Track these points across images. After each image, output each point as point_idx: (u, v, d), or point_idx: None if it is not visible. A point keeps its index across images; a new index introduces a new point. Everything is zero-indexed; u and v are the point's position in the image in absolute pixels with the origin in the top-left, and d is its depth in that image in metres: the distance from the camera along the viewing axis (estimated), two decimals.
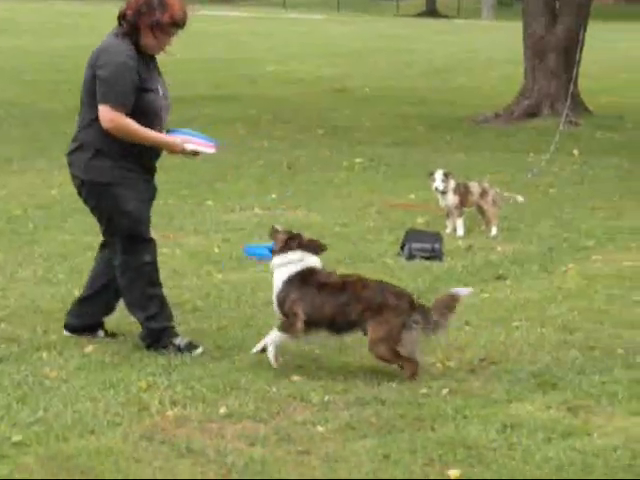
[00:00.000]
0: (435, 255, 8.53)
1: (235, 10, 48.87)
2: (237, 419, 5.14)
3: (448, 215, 9.50)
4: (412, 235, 8.77)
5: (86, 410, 5.17)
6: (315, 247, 6.11)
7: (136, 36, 6.08)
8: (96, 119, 6.04)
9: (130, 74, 5.99)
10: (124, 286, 6.24)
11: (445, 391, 5.56)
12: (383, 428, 5.07)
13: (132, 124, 5.99)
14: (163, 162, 6.44)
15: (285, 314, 5.92)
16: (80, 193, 6.24)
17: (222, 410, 5.21)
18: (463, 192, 9.40)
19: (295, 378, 5.69)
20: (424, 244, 8.57)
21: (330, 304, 5.86)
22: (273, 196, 10.85)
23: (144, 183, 6.22)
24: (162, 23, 6.05)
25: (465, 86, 22.68)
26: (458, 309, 5.98)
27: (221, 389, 5.51)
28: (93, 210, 6.24)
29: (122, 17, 6.13)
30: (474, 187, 9.49)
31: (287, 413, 5.23)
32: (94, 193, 6.14)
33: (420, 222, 9.67)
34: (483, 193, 9.46)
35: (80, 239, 8.88)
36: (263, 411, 5.23)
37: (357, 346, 6.25)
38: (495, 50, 29.75)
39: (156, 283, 6.27)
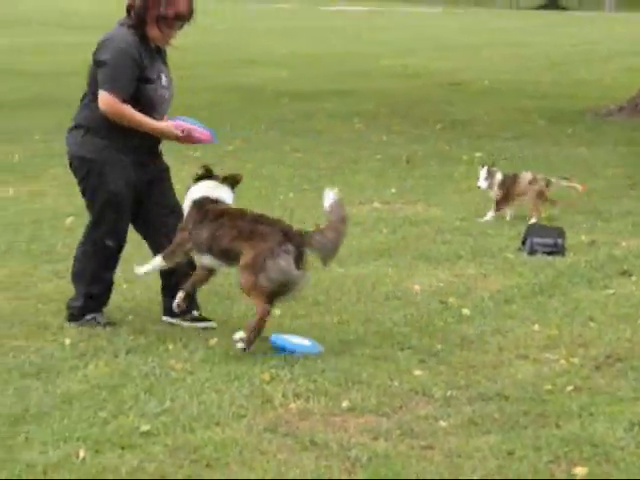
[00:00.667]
0: (557, 250, 8.41)
1: (354, 5, 48.92)
2: (360, 413, 5.15)
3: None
4: (534, 230, 8.67)
5: (211, 402, 5.24)
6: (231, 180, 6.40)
7: (142, 28, 6.31)
8: (93, 100, 6.38)
9: (130, 63, 6.26)
10: (78, 256, 6.58)
11: (570, 388, 5.49)
12: (506, 424, 5.03)
13: (128, 110, 6.27)
14: (284, 159, 6.49)
15: (177, 239, 6.27)
16: (71, 167, 6.59)
17: (344, 404, 5.23)
18: (510, 184, 9.53)
19: (417, 373, 5.68)
20: (546, 239, 8.46)
21: (207, 230, 6.13)
22: (392, 190, 10.83)
23: (133, 166, 6.44)
24: (167, 17, 6.28)
25: (585, 79, 22.31)
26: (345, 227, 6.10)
27: (343, 383, 5.53)
28: (79, 184, 6.55)
29: (130, 8, 6.35)
30: (524, 177, 9.59)
31: (409, 407, 5.23)
32: (82, 168, 6.46)
33: (542, 217, 9.55)
34: (532, 181, 9.53)
35: None
36: (385, 405, 5.23)
37: (479, 342, 6.22)
38: (617, 42, 29.23)
39: (110, 267, 6.56)
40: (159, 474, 4.43)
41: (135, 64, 6.27)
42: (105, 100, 6.27)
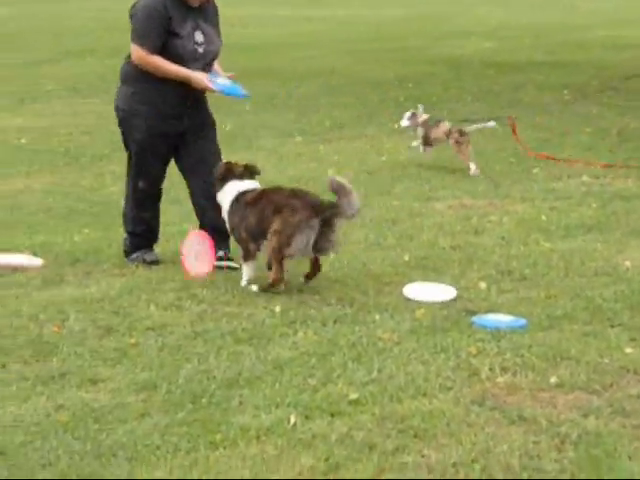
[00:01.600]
0: None
1: None
2: (569, 389, 5.07)
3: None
4: None
5: (418, 373, 5.26)
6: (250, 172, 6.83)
7: None
8: (129, 56, 6.98)
9: (156, 16, 6.78)
10: (125, 198, 7.26)
11: None
12: None
13: (157, 60, 6.81)
14: (488, 132, 6.42)
15: (238, 242, 6.69)
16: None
17: (553, 379, 5.16)
18: (429, 128, 10.58)
19: (628, 350, 5.54)
20: None
21: (253, 214, 6.56)
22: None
23: (163, 118, 6.99)
24: None
25: None
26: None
27: (551, 358, 5.45)
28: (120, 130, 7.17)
29: None
30: (442, 126, 10.54)
31: (620, 386, 5.11)
32: (118, 117, 7.11)
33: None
34: (447, 132, 10.46)
35: (408, 204, 9.03)
36: (595, 382, 5.13)
37: None
38: None
39: (146, 208, 7.22)
40: (367, 442, 4.49)
41: (161, 18, 6.79)
42: (135, 53, 6.89)
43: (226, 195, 6.79)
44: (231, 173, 6.81)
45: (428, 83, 17.05)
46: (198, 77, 6.90)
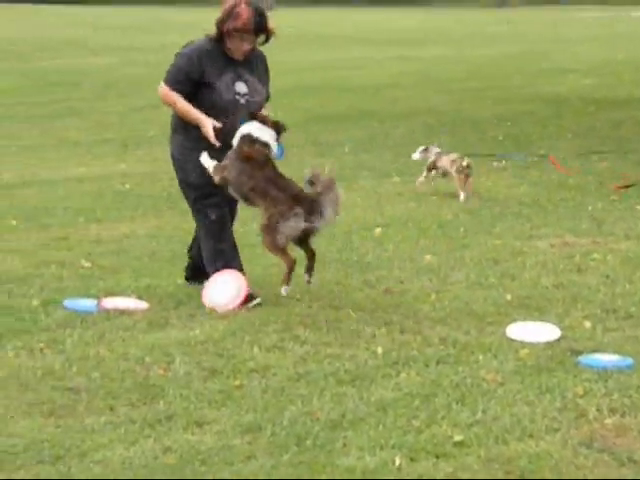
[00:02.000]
0: None
1: None
2: None
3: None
4: None
5: (523, 414, 5.21)
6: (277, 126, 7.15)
7: (220, 39, 7.16)
8: None
9: (187, 64, 7.10)
10: (200, 244, 7.37)
11: None
12: None
13: (175, 97, 7.11)
14: (591, 168, 6.35)
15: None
16: None
17: None
18: (437, 157, 11.27)
19: None
20: None
21: (235, 169, 6.97)
22: None
23: (210, 151, 7.10)
24: (230, 30, 7.09)
25: None
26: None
27: None
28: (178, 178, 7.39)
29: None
30: (450, 156, 11.19)
31: None
32: (174, 166, 7.36)
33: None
34: (454, 161, 11.05)
35: (510, 243, 8.97)
36: None
37: None
38: None
39: (223, 239, 7.31)
40: None
41: (193, 66, 7.10)
42: (160, 89, 7.24)
43: (245, 127, 7.04)
44: (256, 117, 7.10)
45: (527, 121, 16.97)
46: (206, 123, 7.08)
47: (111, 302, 7.15)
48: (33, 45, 28.71)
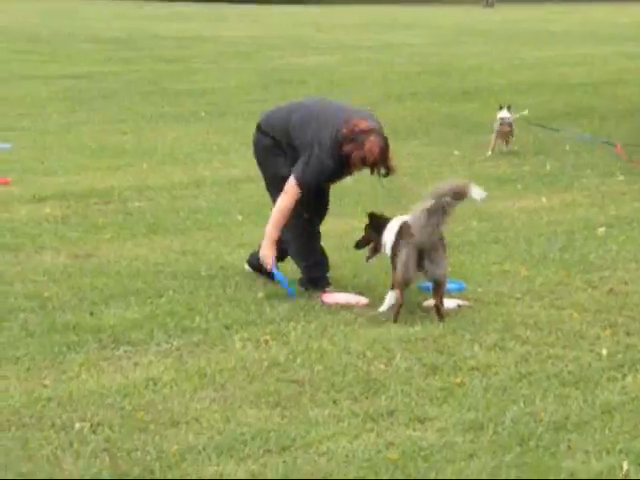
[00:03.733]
0: None
1: None
2: None
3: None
4: None
5: None
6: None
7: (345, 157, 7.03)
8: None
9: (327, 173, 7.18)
10: (288, 240, 7.40)
11: None
12: None
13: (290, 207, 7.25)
14: None
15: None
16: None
17: None
18: None
19: None
20: None
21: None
22: None
23: None
24: (354, 159, 6.99)
25: None
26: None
27: None
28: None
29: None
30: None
31: None
32: (260, 162, 7.55)
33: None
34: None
35: None
36: None
37: None
38: None
39: (314, 238, 7.48)
40: None
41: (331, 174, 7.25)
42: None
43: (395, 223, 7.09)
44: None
45: None
46: (267, 256, 7.30)
47: (331, 297, 7.27)
48: (261, 44, 29.41)
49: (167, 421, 5.23)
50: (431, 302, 7.01)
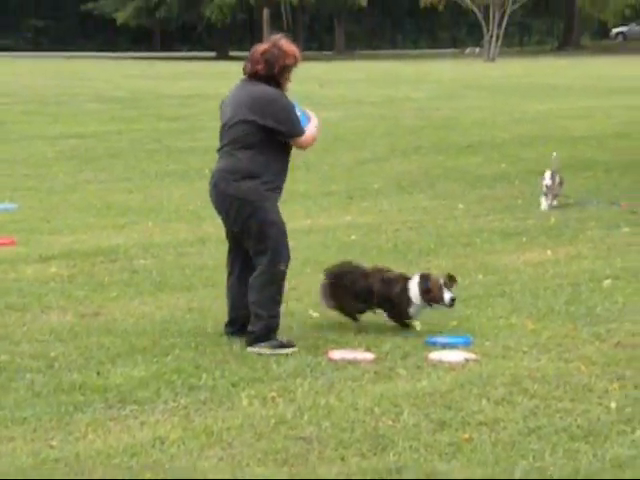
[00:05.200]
0: None
1: None
2: None
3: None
4: None
5: None
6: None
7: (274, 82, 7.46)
8: (250, 149, 7.47)
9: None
10: (258, 286, 7.35)
11: None
12: None
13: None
14: None
15: None
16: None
17: None
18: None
19: None
20: None
21: None
22: None
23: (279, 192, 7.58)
24: (289, 66, 7.45)
25: None
26: None
27: None
28: (245, 223, 7.47)
29: (254, 74, 7.43)
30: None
31: None
32: (247, 210, 7.40)
33: None
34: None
35: None
36: None
37: None
38: None
39: (282, 291, 7.50)
40: None
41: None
42: (305, 141, 7.56)
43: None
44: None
45: None
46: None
47: (339, 353, 7.26)
48: None
49: None
50: (436, 355, 7.05)
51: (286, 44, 7.47)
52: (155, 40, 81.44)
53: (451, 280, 7.77)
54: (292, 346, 7.38)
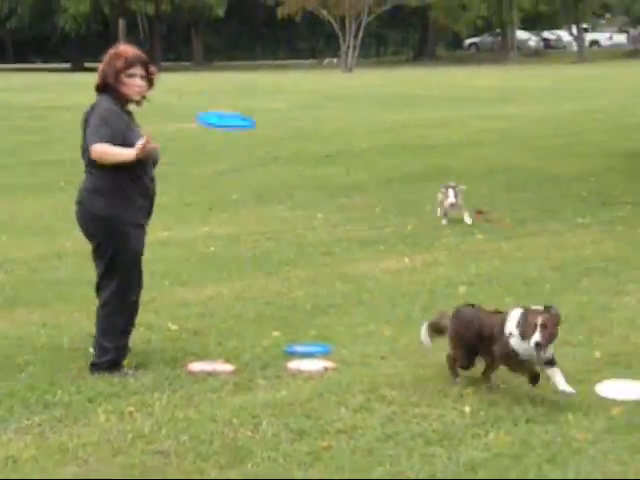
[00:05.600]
0: None
1: None
2: None
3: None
4: None
5: (615, 474, 5.13)
6: None
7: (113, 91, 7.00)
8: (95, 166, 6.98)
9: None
10: (105, 315, 7.06)
11: None
12: None
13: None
14: None
15: None
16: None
17: None
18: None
19: None
20: None
21: None
22: None
23: (141, 216, 7.23)
24: (120, 69, 6.94)
25: None
26: None
27: None
28: (100, 245, 7.12)
29: (96, 89, 7.06)
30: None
31: None
32: (97, 224, 7.04)
33: None
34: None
35: (597, 299, 8.87)
36: None
37: None
38: None
39: (134, 323, 7.21)
40: None
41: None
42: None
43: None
44: None
45: (610, 176, 16.83)
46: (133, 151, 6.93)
47: (198, 365, 7.22)
48: None
49: None
50: (295, 365, 7.07)
51: (117, 48, 7.10)
52: (8, 51, 79.78)
53: None
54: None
